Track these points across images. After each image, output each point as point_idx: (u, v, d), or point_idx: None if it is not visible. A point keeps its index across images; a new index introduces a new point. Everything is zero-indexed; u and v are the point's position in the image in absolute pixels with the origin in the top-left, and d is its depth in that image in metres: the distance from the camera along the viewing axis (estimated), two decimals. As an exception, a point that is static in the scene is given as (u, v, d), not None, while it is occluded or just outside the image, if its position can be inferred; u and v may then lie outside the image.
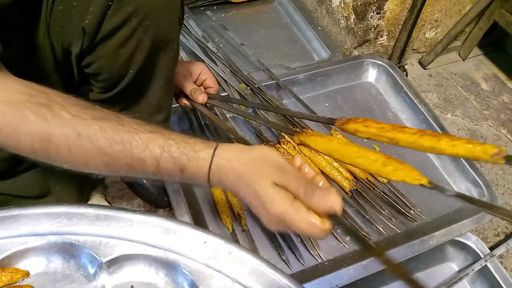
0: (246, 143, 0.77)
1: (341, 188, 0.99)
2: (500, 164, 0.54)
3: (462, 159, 1.06)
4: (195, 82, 0.92)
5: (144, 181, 0.96)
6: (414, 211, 0.98)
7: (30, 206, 0.55)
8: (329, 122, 0.66)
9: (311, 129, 1.07)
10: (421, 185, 0.54)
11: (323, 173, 0.99)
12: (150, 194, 0.97)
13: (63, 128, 0.47)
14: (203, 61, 1.18)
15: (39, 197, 0.86)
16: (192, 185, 0.74)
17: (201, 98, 0.89)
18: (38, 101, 0.48)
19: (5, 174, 0.80)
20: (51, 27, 0.64)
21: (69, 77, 0.72)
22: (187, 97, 0.93)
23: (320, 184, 0.52)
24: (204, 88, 0.93)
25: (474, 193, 1.03)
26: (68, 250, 0.52)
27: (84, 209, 0.55)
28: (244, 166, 0.50)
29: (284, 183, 0.49)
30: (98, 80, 0.70)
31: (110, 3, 0.58)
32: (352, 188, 0.98)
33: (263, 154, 0.51)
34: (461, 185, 1.06)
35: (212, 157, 0.50)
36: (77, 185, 0.88)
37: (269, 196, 0.48)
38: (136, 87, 0.72)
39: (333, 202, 0.48)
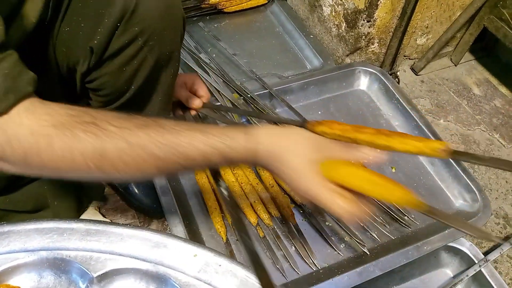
0: None
1: None
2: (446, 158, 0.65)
3: (454, 164, 1.06)
4: (189, 91, 0.96)
5: (139, 192, 0.97)
6: (408, 217, 0.99)
7: (20, 222, 0.55)
8: (301, 125, 0.68)
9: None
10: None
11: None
12: (143, 206, 0.97)
13: (113, 140, 0.48)
14: (196, 72, 1.19)
15: (34, 212, 0.87)
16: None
17: (196, 103, 0.94)
18: (83, 120, 0.48)
19: (3, 191, 0.81)
20: (57, 47, 0.66)
21: (70, 90, 0.74)
22: (181, 106, 0.97)
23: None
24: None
25: (467, 198, 1.04)
26: (59, 265, 0.53)
27: (75, 224, 0.55)
28: (279, 145, 0.55)
29: (323, 153, 0.55)
30: (100, 95, 0.72)
31: (118, 24, 0.61)
32: (345, 196, 0.98)
33: (298, 134, 0.57)
34: (454, 191, 1.06)
35: (246, 141, 0.54)
36: (74, 200, 0.89)
37: (300, 172, 0.53)
38: (136, 101, 0.74)
39: (369, 151, 0.57)
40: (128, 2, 0.61)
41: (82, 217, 0.93)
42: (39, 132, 0.46)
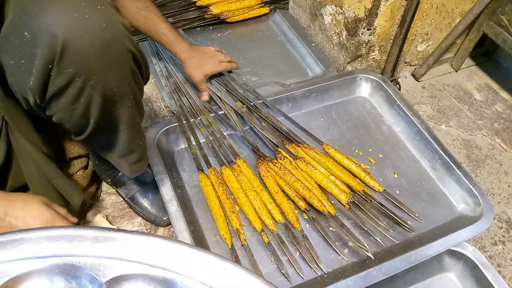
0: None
1: (338, 201, 1.00)
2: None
3: (456, 169, 1.07)
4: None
5: (145, 201, 0.98)
6: (413, 217, 1.00)
7: (32, 230, 0.57)
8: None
9: (307, 144, 1.10)
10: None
11: (320, 186, 1.01)
12: (149, 214, 0.99)
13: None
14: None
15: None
16: None
17: (204, 98, 1.18)
18: None
19: None
20: (8, 74, 0.66)
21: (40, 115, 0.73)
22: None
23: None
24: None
25: (469, 202, 1.05)
26: (70, 271, 0.54)
27: (84, 231, 0.56)
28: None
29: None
30: (66, 128, 0.72)
31: (51, 66, 0.59)
32: (349, 201, 0.99)
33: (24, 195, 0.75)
34: (456, 195, 1.07)
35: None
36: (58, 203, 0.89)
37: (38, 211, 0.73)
38: (101, 133, 0.74)
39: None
40: (54, 43, 0.58)
41: (89, 224, 0.94)
42: None
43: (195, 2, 1.47)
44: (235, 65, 1.26)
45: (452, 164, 1.09)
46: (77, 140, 0.75)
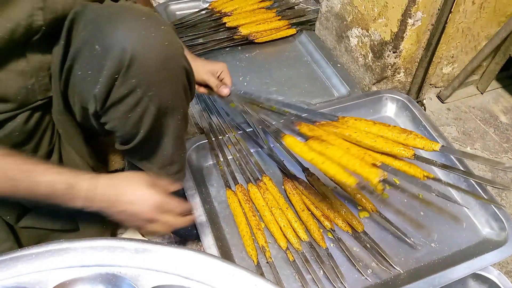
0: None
1: (352, 227, 1.01)
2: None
3: (481, 192, 1.08)
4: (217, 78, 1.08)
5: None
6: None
7: (77, 240, 0.61)
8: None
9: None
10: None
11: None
12: (179, 228, 1.02)
13: None
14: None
15: (75, 230, 0.93)
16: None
17: (225, 91, 1.07)
18: None
19: (42, 206, 0.87)
20: (70, 87, 0.73)
21: (92, 126, 0.80)
22: (210, 89, 1.10)
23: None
24: None
25: (494, 226, 1.04)
26: (111, 280, 0.58)
27: (125, 243, 0.61)
28: (117, 194, 0.72)
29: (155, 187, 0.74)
30: (116, 135, 0.78)
31: (117, 76, 0.66)
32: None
33: (127, 175, 0.75)
34: (481, 218, 1.07)
35: (94, 179, 0.70)
36: (98, 223, 0.95)
37: (142, 196, 0.73)
38: (148, 143, 0.79)
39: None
40: (124, 57, 0.64)
41: (123, 236, 0.99)
42: None
43: (225, 23, 1.53)
44: (223, 90, 1.08)
45: (477, 187, 1.09)
46: (122, 149, 0.80)
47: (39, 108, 0.78)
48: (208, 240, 0.93)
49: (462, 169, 1.12)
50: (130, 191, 0.72)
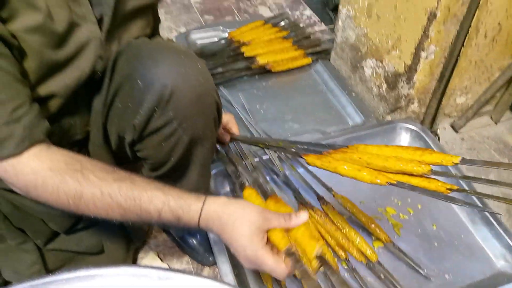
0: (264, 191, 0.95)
1: (366, 257, 1.02)
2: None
3: (495, 224, 1.08)
4: (223, 128, 1.11)
5: (193, 241, 1.06)
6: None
7: (103, 267, 0.65)
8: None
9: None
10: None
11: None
12: (196, 254, 1.06)
13: (91, 188, 0.63)
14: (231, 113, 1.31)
15: (98, 253, 0.97)
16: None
17: (227, 139, 1.10)
18: (74, 168, 0.64)
19: (71, 230, 0.92)
20: (110, 118, 0.80)
21: (125, 155, 0.86)
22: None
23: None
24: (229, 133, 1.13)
25: (509, 258, 1.05)
26: (136, 306, 0.61)
27: (149, 271, 0.64)
28: (228, 215, 0.66)
29: (264, 228, 0.66)
30: (147, 162, 0.84)
31: (156, 108, 0.72)
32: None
33: (243, 206, 0.68)
34: (495, 251, 1.08)
35: (201, 210, 0.66)
36: (124, 243, 0.99)
37: (247, 241, 0.65)
38: (176, 171, 0.85)
39: (303, 216, 0.68)
40: (164, 92, 0.71)
41: (143, 261, 1.02)
42: (39, 173, 0.62)
43: (243, 53, 1.59)
44: (224, 138, 1.12)
45: (491, 219, 1.10)
46: (151, 176, 0.85)
47: (76, 144, 0.84)
48: (225, 267, 0.96)
49: (476, 200, 1.13)
50: (232, 232, 0.66)
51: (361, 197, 1.17)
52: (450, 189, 0.78)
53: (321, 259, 0.70)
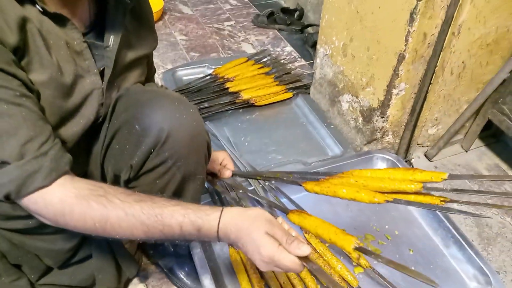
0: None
1: (348, 283, 1.08)
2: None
3: (468, 248, 1.16)
4: (220, 165, 1.16)
5: (182, 273, 1.10)
6: None
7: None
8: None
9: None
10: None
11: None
12: (184, 285, 1.10)
13: (115, 210, 0.67)
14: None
15: (90, 287, 1.01)
16: (207, 241, 0.91)
17: (227, 173, 1.13)
18: (98, 193, 0.68)
19: (64, 265, 0.96)
20: (107, 158, 0.86)
21: None
22: (212, 175, 1.17)
23: (293, 234, 0.74)
24: None
25: (481, 280, 1.12)
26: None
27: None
28: (243, 221, 0.70)
29: (272, 233, 0.69)
30: None
31: (152, 150, 0.80)
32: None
33: (258, 212, 0.71)
34: (468, 273, 1.15)
35: (220, 218, 0.69)
36: (116, 275, 1.02)
37: (262, 241, 0.67)
38: None
39: (305, 249, 0.69)
40: (161, 135, 0.78)
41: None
42: (66, 201, 0.66)
43: (228, 88, 1.67)
44: (225, 173, 1.15)
45: (463, 243, 1.17)
46: None
47: None
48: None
49: (449, 225, 1.21)
50: (246, 237, 0.69)
51: (342, 225, 1.22)
52: (444, 201, 0.86)
53: (361, 249, 0.75)
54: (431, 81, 1.30)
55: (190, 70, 1.86)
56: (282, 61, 1.92)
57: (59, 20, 0.70)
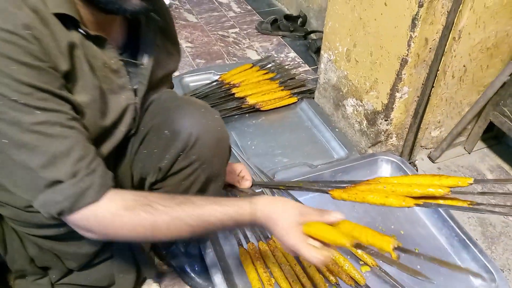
0: None
1: (355, 281, 1.10)
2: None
3: (472, 246, 1.18)
4: (238, 176, 1.24)
5: (193, 271, 1.13)
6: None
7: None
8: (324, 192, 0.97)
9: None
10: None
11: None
12: (196, 283, 1.13)
13: (161, 216, 0.71)
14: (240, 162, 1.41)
15: (108, 286, 1.04)
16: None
17: (247, 184, 1.22)
18: (143, 202, 0.71)
19: (83, 267, 0.99)
20: (134, 162, 0.91)
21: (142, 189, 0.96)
22: (231, 186, 1.25)
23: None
24: None
25: (485, 278, 1.14)
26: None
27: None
28: (273, 209, 0.75)
29: (303, 221, 0.74)
30: None
31: (181, 153, 0.85)
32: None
33: (285, 201, 0.78)
34: (473, 271, 1.17)
35: (251, 209, 0.76)
36: (134, 274, 1.06)
37: (287, 231, 0.73)
38: None
39: (337, 215, 0.75)
40: (190, 139, 0.84)
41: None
42: (116, 214, 0.70)
43: (234, 93, 1.71)
44: (245, 183, 1.26)
45: (468, 242, 1.20)
46: None
47: None
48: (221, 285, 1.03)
49: (453, 225, 1.24)
50: (274, 225, 0.75)
51: (348, 226, 1.26)
52: (471, 203, 0.88)
53: (400, 249, 0.76)
54: (433, 85, 1.33)
55: (196, 77, 1.90)
56: (286, 66, 1.96)
57: (99, 42, 0.74)
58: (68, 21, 0.68)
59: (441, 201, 0.89)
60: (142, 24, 0.84)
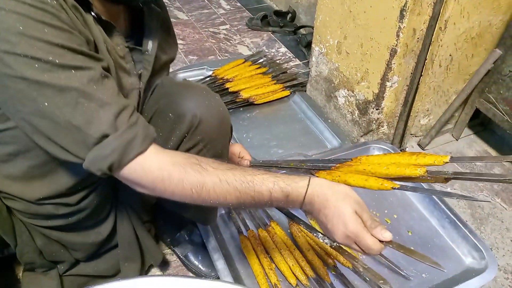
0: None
1: (351, 262, 1.15)
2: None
3: (462, 227, 1.24)
4: (238, 157, 1.24)
5: (197, 259, 1.16)
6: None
7: (132, 277, 0.75)
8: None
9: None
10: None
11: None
12: (200, 270, 1.16)
13: (210, 177, 0.71)
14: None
15: (113, 276, 1.07)
16: (291, 207, 0.90)
17: (245, 163, 1.21)
18: (192, 161, 0.72)
19: (90, 257, 1.02)
20: None
21: None
22: None
23: (377, 221, 0.77)
24: None
25: (475, 256, 1.20)
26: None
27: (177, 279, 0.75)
28: (332, 193, 0.74)
29: (360, 214, 0.74)
30: None
31: (186, 135, 0.88)
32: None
33: (348, 190, 0.76)
34: (464, 250, 1.23)
35: (308, 186, 0.74)
36: (139, 262, 1.09)
37: (351, 218, 0.72)
38: None
39: (387, 235, 0.74)
40: (194, 121, 0.86)
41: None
42: (164, 167, 0.69)
43: (228, 88, 1.74)
44: (244, 163, 1.25)
45: (458, 223, 1.26)
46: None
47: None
48: (228, 280, 1.06)
49: (444, 207, 1.29)
50: (335, 208, 0.73)
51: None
52: (448, 178, 0.90)
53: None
54: (422, 74, 1.38)
55: (190, 73, 1.93)
56: (277, 61, 2.00)
57: (108, 27, 0.78)
58: (82, 4, 0.71)
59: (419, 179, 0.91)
60: (146, 14, 0.88)
